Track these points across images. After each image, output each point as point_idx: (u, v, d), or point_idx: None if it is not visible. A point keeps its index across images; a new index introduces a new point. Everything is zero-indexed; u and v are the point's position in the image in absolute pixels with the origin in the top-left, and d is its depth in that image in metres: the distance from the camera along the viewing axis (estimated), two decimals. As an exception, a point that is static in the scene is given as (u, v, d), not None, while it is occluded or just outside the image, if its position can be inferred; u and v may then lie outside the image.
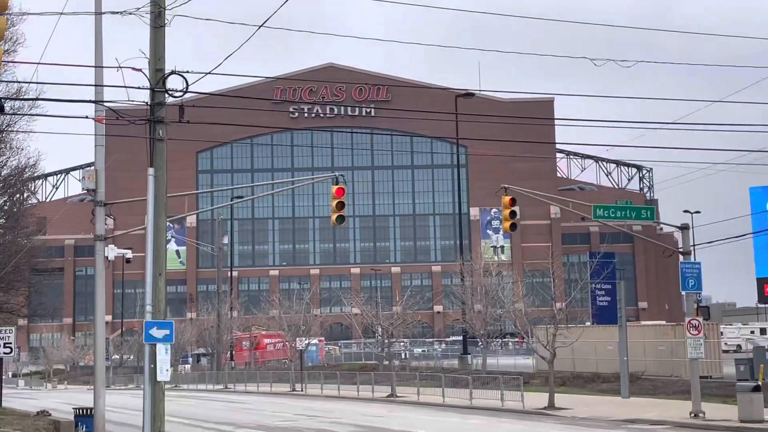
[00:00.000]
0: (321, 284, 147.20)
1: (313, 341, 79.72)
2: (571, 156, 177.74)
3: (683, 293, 38.90)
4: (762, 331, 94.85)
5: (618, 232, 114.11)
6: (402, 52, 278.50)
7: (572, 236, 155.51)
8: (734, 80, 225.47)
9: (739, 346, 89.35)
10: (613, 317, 45.51)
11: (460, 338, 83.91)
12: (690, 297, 37.29)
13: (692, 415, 33.22)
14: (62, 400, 58.81)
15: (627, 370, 44.06)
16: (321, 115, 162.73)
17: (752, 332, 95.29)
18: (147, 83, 22.06)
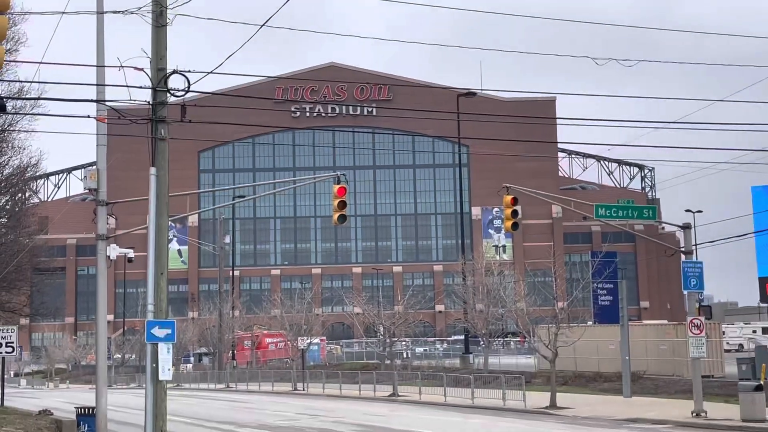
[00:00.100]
0: (323, 284, 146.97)
1: (315, 341, 79.86)
2: (573, 155, 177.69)
3: (685, 292, 38.90)
4: (764, 331, 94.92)
5: (620, 232, 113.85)
6: (404, 52, 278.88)
7: (574, 236, 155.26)
8: (736, 79, 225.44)
9: (741, 346, 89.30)
10: (615, 316, 45.51)
11: (462, 338, 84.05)
12: (692, 296, 37.27)
13: (694, 415, 33.20)
14: (64, 400, 58.82)
15: (629, 370, 44.06)
16: (323, 115, 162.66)
17: (754, 331, 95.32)
18: (149, 83, 22.03)
